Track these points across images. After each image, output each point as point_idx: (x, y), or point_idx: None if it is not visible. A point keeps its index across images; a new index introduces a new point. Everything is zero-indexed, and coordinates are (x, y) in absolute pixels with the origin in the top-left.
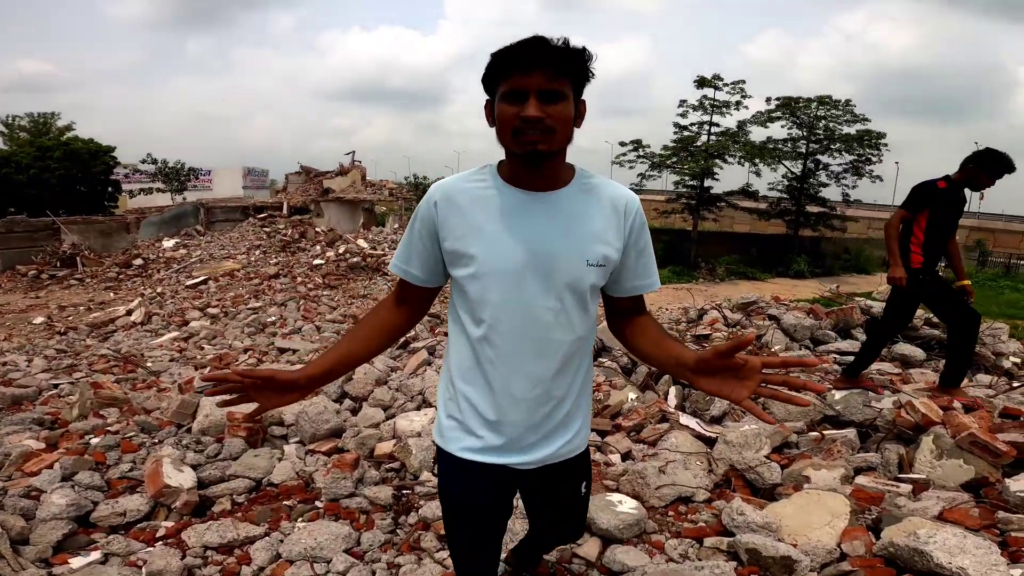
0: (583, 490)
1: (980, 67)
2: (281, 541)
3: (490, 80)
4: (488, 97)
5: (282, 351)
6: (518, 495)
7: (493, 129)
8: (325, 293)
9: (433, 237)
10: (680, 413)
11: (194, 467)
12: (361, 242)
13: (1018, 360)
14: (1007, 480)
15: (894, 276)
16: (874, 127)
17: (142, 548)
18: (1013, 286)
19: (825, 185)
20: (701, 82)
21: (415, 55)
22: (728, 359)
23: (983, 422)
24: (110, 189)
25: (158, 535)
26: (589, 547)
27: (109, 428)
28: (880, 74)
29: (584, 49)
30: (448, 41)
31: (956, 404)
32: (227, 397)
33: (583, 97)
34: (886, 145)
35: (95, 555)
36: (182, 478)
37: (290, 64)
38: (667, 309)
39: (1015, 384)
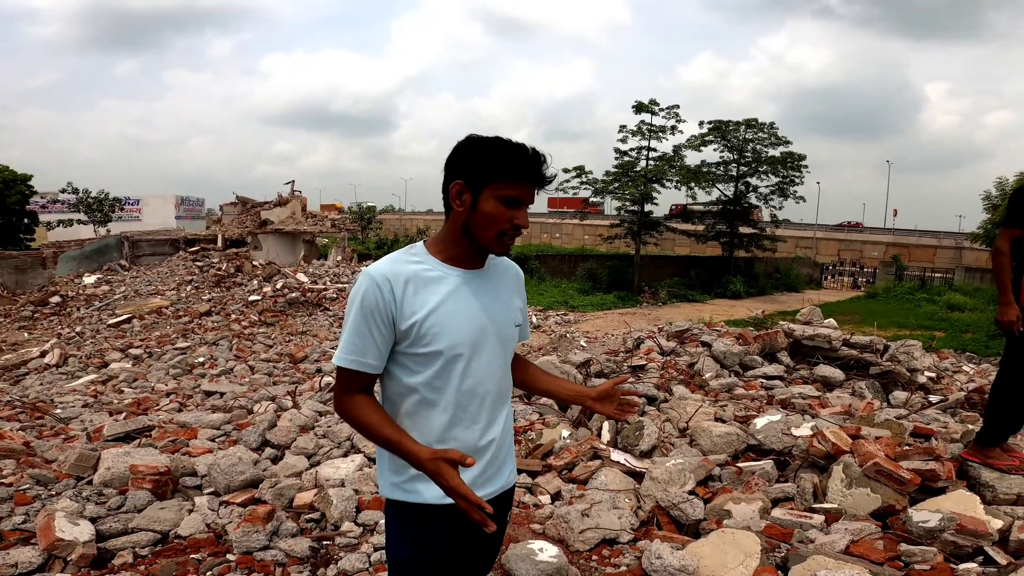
0: (507, 518)
1: (889, 85)
2: None
3: (489, 174)
4: (462, 179)
5: (208, 394)
6: None
7: (456, 206)
8: (261, 331)
9: (389, 322)
10: (612, 449)
11: (93, 520)
12: (301, 276)
13: (932, 375)
14: (911, 510)
15: (1006, 319)
16: (796, 147)
17: None
18: (929, 298)
19: (755, 207)
20: (639, 107)
21: (361, 80)
22: (614, 390)
23: (889, 449)
24: (26, 221)
25: None
26: None
27: (2, 480)
28: (800, 94)
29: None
30: (394, 66)
31: (864, 431)
32: None
33: None
34: (806, 166)
35: None
36: (77, 531)
37: (229, 88)
38: (612, 335)
39: (931, 399)
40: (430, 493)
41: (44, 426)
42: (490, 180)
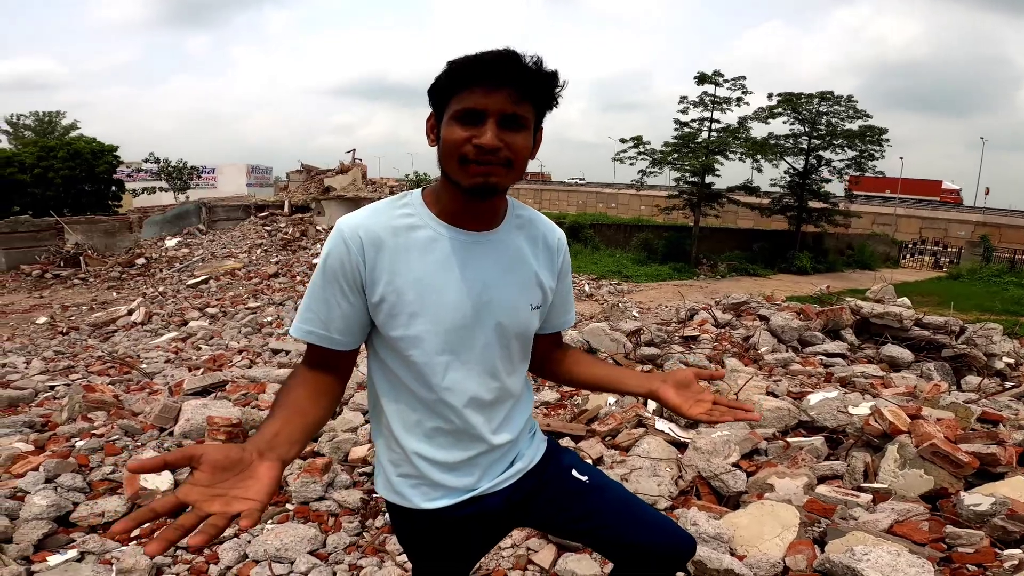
0: (579, 475)
1: (983, 60)
2: (249, 542)
3: (442, 92)
4: (433, 110)
5: (275, 352)
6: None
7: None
8: None
9: (358, 290)
10: (656, 418)
11: (173, 470)
12: None
13: (1011, 360)
14: (963, 493)
15: None
16: (876, 122)
17: (116, 547)
18: (1018, 282)
19: (828, 181)
20: (702, 78)
21: (414, 51)
22: (696, 382)
23: (950, 431)
24: (114, 188)
25: (133, 535)
26: (544, 554)
27: (95, 431)
28: (882, 68)
29: (556, 73)
30: (445, 35)
31: (925, 412)
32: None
33: (542, 126)
34: (888, 141)
35: (71, 553)
36: (159, 480)
37: (288, 62)
38: (666, 306)
39: (1007, 385)
40: (421, 500)
41: (131, 380)
42: (447, 100)
